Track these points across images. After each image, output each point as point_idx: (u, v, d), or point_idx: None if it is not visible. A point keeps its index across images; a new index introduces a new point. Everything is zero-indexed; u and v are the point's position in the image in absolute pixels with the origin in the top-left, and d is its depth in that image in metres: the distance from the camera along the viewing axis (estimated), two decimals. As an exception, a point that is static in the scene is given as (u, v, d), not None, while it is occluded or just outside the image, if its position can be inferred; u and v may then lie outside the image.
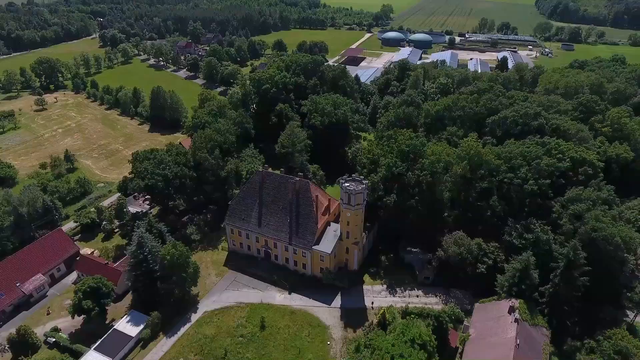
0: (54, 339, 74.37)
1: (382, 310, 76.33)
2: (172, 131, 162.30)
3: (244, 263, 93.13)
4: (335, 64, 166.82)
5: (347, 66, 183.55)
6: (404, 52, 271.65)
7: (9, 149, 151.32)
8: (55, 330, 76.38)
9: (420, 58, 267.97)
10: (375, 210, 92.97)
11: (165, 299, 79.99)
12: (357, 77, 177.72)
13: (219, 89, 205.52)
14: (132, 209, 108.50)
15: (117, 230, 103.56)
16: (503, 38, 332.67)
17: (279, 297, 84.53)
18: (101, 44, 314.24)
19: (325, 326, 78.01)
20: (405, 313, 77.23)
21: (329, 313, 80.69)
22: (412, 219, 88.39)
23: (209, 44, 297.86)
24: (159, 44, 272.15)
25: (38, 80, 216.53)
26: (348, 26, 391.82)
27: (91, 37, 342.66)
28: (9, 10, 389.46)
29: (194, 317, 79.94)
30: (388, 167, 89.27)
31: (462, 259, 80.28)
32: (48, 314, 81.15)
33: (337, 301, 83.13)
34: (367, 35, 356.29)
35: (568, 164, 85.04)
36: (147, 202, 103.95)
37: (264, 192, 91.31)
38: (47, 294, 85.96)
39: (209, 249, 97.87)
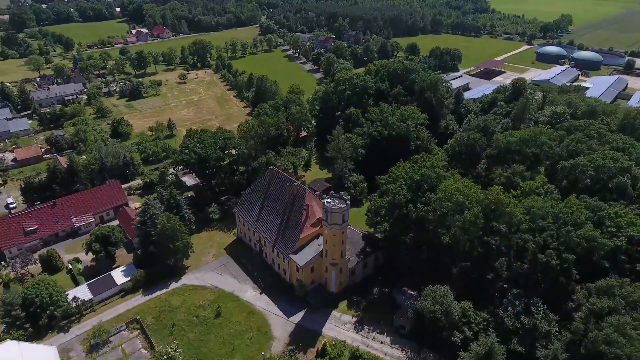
0: (70, 267, 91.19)
1: (324, 342, 70.52)
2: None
3: (241, 252, 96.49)
4: (433, 74, 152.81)
5: (478, 79, 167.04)
6: (552, 71, 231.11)
7: (141, 111, 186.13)
8: (76, 260, 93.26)
9: (576, 80, 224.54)
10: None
11: (157, 262, 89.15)
12: (458, 93, 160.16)
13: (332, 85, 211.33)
14: (189, 180, 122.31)
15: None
16: None
17: (249, 293, 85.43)
18: (259, 32, 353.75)
19: (271, 336, 75.96)
20: (354, 356, 70.00)
21: (282, 325, 78.12)
22: (403, 256, 77.97)
23: (348, 41, 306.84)
24: (297, 36, 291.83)
25: (192, 58, 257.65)
26: (507, 35, 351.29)
27: (256, 25, 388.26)
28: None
29: (172, 286, 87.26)
30: (392, 194, 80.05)
31: (434, 319, 67.61)
32: (82, 246, 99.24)
33: (298, 317, 79.64)
34: (525, 47, 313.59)
35: (622, 243, 62.36)
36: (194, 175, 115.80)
37: (270, 190, 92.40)
38: (91, 230, 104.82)
39: (223, 231, 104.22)
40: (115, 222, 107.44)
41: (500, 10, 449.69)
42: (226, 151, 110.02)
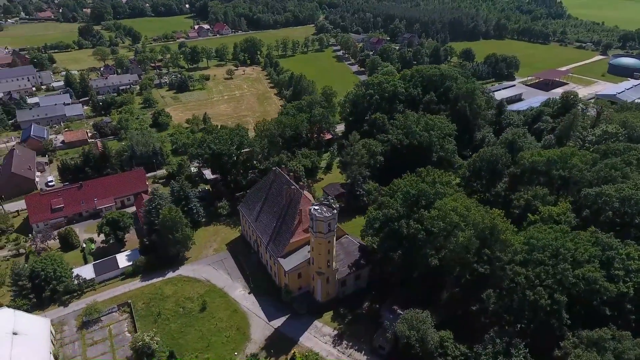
0: (84, 246, 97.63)
1: (293, 352, 69.03)
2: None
3: (240, 250, 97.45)
4: (472, 82, 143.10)
5: (534, 89, 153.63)
6: (622, 86, 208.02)
7: (185, 103, 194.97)
8: (91, 240, 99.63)
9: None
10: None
11: (158, 250, 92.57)
12: (501, 104, 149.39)
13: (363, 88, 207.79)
14: (209, 174, 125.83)
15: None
16: None
17: (239, 291, 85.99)
18: (314, 32, 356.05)
19: (248, 337, 75.83)
20: (325, 370, 67.90)
21: (262, 328, 77.69)
22: (392, 272, 74.14)
23: (401, 44, 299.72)
24: (347, 37, 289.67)
25: (243, 55, 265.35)
26: (579, 43, 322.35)
27: (312, 25, 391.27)
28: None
29: (169, 275, 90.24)
30: (386, 207, 76.30)
31: (408, 345, 63.47)
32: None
33: (279, 321, 78.75)
34: (597, 57, 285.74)
35: (629, 290, 54.20)
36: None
37: (271, 191, 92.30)
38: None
39: (230, 226, 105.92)
40: (134, 208, 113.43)
41: (578, 17, 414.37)
42: (243, 149, 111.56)
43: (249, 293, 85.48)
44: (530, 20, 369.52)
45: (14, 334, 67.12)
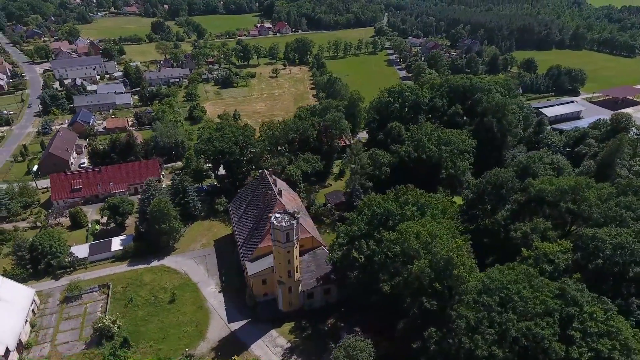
0: (89, 226, 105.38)
1: (234, 358, 68.54)
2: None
3: (225, 248, 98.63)
4: (504, 96, 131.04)
5: (599, 107, 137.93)
6: None
7: (225, 99, 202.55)
8: (97, 222, 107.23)
9: None
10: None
11: (147, 239, 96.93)
12: (540, 122, 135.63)
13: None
14: (221, 170, 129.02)
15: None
16: None
17: (210, 289, 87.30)
18: (374, 34, 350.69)
19: (203, 336, 76.40)
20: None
21: (220, 328, 78.04)
22: (349, 292, 70.65)
23: (460, 50, 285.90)
24: (400, 40, 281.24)
25: (293, 54, 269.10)
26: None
27: (373, 27, 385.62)
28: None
29: (153, 263, 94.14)
30: (352, 224, 72.82)
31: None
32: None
33: (238, 325, 78.58)
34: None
35: (581, 356, 46.20)
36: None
37: (255, 193, 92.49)
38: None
39: (225, 223, 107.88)
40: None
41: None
42: (250, 150, 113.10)
43: (220, 292, 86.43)
44: (616, 30, 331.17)
45: (-5, 299, 74.33)
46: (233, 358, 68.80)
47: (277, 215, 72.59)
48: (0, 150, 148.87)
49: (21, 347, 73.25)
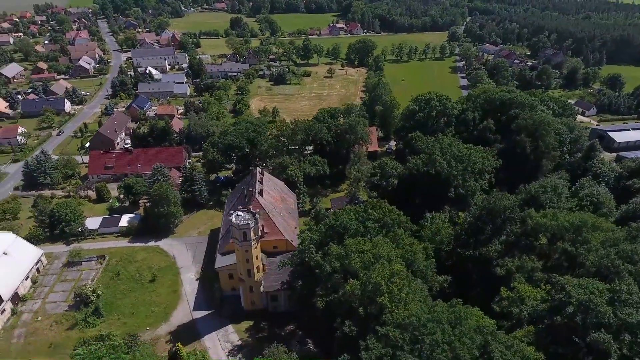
0: (110, 201, 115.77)
1: (177, 344, 70.71)
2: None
3: (217, 238, 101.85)
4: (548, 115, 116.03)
5: None
6: None
7: (274, 95, 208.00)
8: (117, 198, 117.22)
9: None
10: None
11: (150, 220, 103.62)
12: (592, 147, 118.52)
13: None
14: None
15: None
16: None
17: (190, 275, 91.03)
18: (447, 39, 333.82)
19: (167, 319, 79.88)
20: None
21: (184, 314, 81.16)
22: (295, 301, 69.06)
23: (539, 60, 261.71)
24: (467, 47, 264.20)
25: (354, 55, 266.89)
26: None
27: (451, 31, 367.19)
28: None
29: (150, 243, 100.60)
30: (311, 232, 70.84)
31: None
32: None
33: (201, 314, 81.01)
34: None
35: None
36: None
37: (244, 189, 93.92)
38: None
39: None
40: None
41: None
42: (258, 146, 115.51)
43: (197, 280, 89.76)
44: None
45: (4, 253, 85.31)
46: (177, 345, 70.96)
47: (240, 213, 73.16)
48: (69, 126, 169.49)
49: (17, 298, 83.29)
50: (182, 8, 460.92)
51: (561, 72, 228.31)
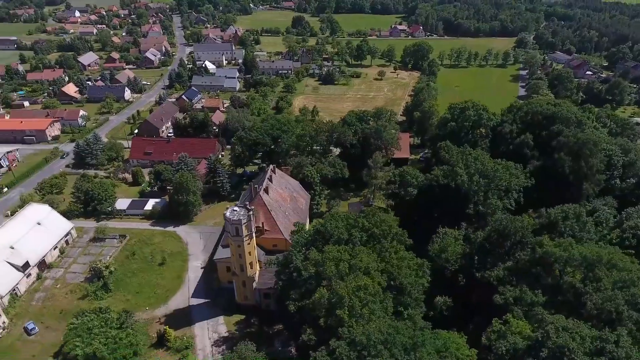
0: (143, 185, 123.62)
1: (165, 328, 73.99)
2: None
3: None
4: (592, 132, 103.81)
5: None
6: None
7: (319, 95, 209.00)
8: (148, 182, 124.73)
9: None
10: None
11: (174, 206, 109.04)
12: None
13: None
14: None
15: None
16: None
17: (196, 263, 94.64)
18: (514, 45, 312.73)
19: (166, 302, 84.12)
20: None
21: (182, 300, 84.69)
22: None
23: (617, 72, 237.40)
24: (532, 55, 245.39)
25: (409, 58, 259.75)
26: None
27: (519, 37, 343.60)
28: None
29: (169, 228, 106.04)
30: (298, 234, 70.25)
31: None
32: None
33: (198, 301, 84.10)
34: None
35: None
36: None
37: (253, 184, 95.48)
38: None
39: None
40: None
41: None
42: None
43: (202, 268, 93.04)
44: None
45: (38, 223, 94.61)
46: (165, 327, 74.17)
47: (235, 208, 74.55)
48: (125, 112, 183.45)
49: (44, 265, 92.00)
50: (251, 6, 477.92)
51: (639, 87, 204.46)
